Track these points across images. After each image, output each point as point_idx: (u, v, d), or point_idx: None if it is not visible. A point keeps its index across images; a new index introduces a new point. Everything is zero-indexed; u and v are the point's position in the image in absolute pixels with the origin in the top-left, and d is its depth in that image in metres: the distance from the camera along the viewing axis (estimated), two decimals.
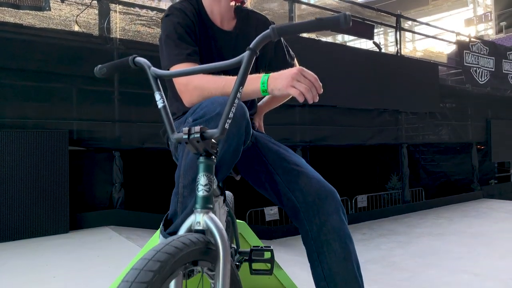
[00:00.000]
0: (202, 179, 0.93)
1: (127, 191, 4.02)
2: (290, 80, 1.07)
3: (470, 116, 8.28)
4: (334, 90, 5.61)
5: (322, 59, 5.49)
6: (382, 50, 7.63)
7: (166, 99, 1.54)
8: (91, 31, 3.97)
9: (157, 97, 0.99)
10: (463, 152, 8.63)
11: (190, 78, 1.22)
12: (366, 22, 6.22)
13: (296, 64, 1.64)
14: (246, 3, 1.54)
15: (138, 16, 4.27)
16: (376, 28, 6.78)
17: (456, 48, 8.37)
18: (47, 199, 3.49)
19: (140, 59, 1.06)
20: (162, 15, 1.39)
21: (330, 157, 6.47)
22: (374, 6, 7.82)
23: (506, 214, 6.46)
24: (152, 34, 4.33)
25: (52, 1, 3.71)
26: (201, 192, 0.93)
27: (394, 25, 6.87)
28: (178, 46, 1.29)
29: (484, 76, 8.24)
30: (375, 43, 6.49)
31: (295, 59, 1.62)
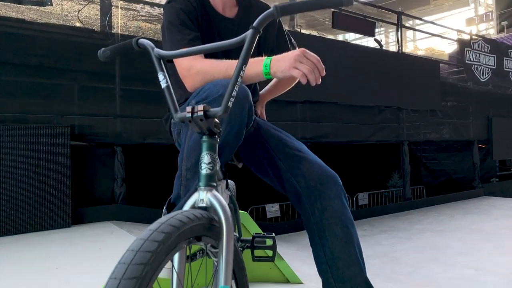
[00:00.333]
0: (206, 158, 0.94)
1: (129, 186, 4.03)
2: (292, 62, 1.08)
3: (471, 114, 8.27)
4: (335, 87, 5.62)
5: (323, 56, 5.46)
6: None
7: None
8: (93, 27, 3.98)
9: (160, 77, 1.00)
10: (464, 150, 8.62)
11: (192, 63, 1.23)
12: (368, 19, 6.22)
13: None
14: None
15: (140, 12, 4.28)
16: (377, 28, 6.78)
17: (457, 46, 8.37)
18: (49, 193, 3.49)
19: (143, 41, 1.07)
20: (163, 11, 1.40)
21: (331, 154, 6.46)
22: (376, 5, 7.82)
23: (508, 211, 6.45)
24: (154, 30, 4.34)
25: None
26: (204, 170, 0.93)
27: (395, 23, 6.87)
28: (181, 31, 1.30)
29: (485, 73, 8.23)
30: (376, 40, 6.49)
31: (297, 48, 1.63)
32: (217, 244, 0.89)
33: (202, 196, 0.91)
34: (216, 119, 0.94)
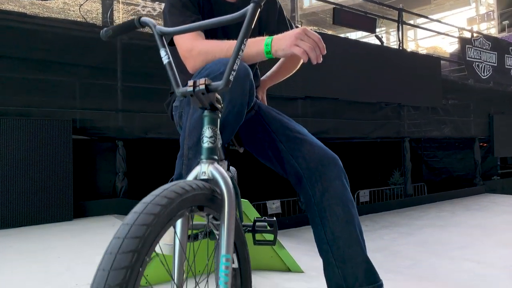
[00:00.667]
0: (207, 132, 0.95)
1: (130, 180, 4.04)
2: (294, 40, 1.09)
3: (472, 111, 8.26)
4: (336, 83, 5.62)
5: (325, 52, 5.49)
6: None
7: None
8: (95, 21, 3.99)
9: (162, 53, 1.00)
10: (466, 148, 8.61)
11: (193, 44, 1.24)
12: (368, 15, 6.23)
13: None
14: None
15: (142, 7, 4.30)
16: (378, 28, 6.78)
17: (458, 44, 8.36)
18: (51, 186, 3.51)
19: (145, 19, 1.08)
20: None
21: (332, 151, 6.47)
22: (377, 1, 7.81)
23: (509, 208, 6.45)
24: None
25: None
26: (206, 143, 0.94)
27: (396, 19, 6.86)
28: (183, 14, 1.31)
29: (486, 71, 8.23)
30: (377, 37, 6.49)
31: None
32: (218, 216, 0.90)
33: (204, 169, 0.92)
34: (217, 95, 0.95)
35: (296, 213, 5.71)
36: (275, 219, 1.61)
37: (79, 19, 3.89)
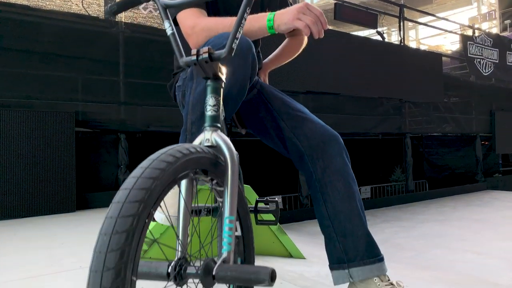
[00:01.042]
0: (211, 100, 0.96)
1: None
2: (296, 14, 1.10)
3: (474, 107, 8.27)
4: (337, 78, 5.64)
5: (326, 47, 5.51)
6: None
7: (174, 58, 1.58)
8: (97, 14, 4.02)
9: (166, 25, 1.02)
10: (467, 146, 8.61)
11: (196, 21, 1.25)
12: (370, 11, 6.24)
13: None
14: None
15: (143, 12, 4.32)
16: (379, 27, 6.77)
17: (459, 41, 8.37)
18: (54, 178, 3.53)
19: None
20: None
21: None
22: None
23: (511, 203, 6.45)
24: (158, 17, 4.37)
25: None
26: (209, 112, 0.96)
27: (397, 15, 6.87)
28: None
29: (488, 67, 8.23)
30: (378, 33, 6.50)
31: None
32: (222, 183, 0.92)
33: (208, 136, 0.93)
34: (220, 65, 0.97)
35: (298, 207, 5.72)
36: (277, 199, 1.63)
37: (82, 12, 3.91)
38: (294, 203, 5.93)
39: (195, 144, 0.90)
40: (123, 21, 4.10)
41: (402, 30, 6.73)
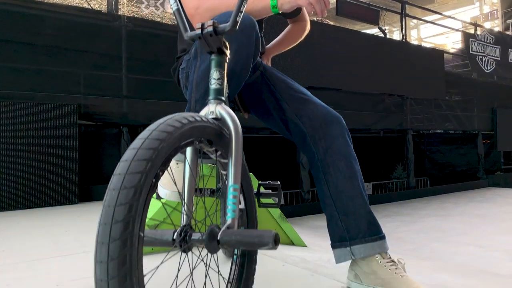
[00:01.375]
0: (215, 74, 0.98)
1: None
2: None
3: (476, 105, 8.27)
4: (339, 73, 5.65)
5: (328, 42, 5.52)
6: None
7: (178, 37, 1.59)
8: (100, 8, 4.04)
9: (171, 1, 1.03)
10: (469, 143, 8.62)
11: (200, 1, 1.27)
12: (371, 7, 6.25)
13: (305, 13, 1.70)
14: None
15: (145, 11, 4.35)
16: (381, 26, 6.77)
17: (461, 37, 8.37)
18: (57, 170, 3.55)
19: None
20: None
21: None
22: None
23: None
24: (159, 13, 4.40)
25: None
26: (214, 85, 0.97)
27: (399, 11, 6.88)
28: None
29: (490, 64, 8.23)
30: (380, 29, 6.51)
31: None
32: (226, 155, 0.93)
33: (212, 109, 0.95)
34: (225, 40, 0.98)
35: (299, 202, 5.74)
36: (279, 182, 1.64)
37: (85, 6, 3.93)
38: (295, 199, 5.95)
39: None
40: (126, 15, 4.12)
41: (404, 27, 6.73)
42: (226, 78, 1.01)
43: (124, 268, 0.59)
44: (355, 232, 1.26)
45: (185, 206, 0.83)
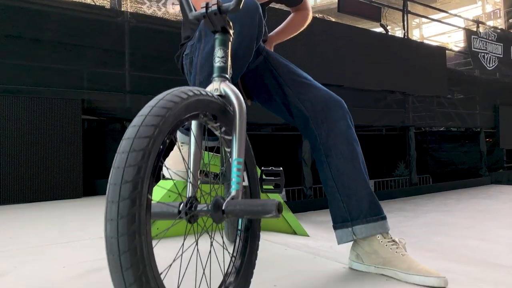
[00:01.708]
0: (219, 52, 1.00)
1: None
2: None
3: (478, 102, 8.26)
4: (341, 70, 5.66)
5: (330, 39, 5.54)
6: None
7: (182, 25, 1.61)
8: (103, 4, 4.08)
9: None
10: (471, 141, 8.61)
11: None
12: (373, 4, 6.26)
13: (307, 2, 1.73)
14: None
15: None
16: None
17: (463, 35, 8.37)
18: (61, 164, 3.58)
19: None
20: None
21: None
22: None
23: None
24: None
25: None
26: (218, 63, 0.99)
27: (400, 8, 6.89)
28: None
29: (492, 62, 8.22)
30: (382, 26, 6.52)
31: None
32: (230, 132, 0.95)
33: (216, 86, 0.97)
34: (228, 19, 1.00)
35: (301, 198, 5.76)
36: (281, 168, 1.66)
37: (88, 1, 3.96)
38: (297, 196, 5.97)
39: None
40: (129, 10, 4.15)
41: (406, 24, 6.74)
42: (230, 57, 1.03)
43: (133, 226, 0.61)
44: (356, 213, 1.28)
45: (191, 178, 0.86)
